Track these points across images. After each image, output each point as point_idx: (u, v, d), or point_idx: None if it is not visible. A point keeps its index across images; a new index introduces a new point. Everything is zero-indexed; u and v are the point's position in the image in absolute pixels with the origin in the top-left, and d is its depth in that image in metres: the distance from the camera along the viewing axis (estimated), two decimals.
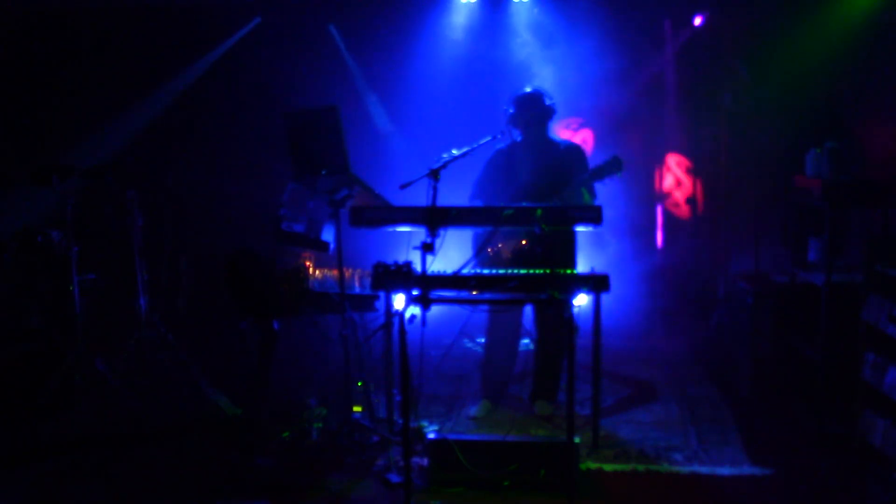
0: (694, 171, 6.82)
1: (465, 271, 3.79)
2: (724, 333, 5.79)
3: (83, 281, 4.91)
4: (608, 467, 3.95)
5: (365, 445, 4.17)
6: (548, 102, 4.58)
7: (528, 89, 4.63)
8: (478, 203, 4.65)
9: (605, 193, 4.45)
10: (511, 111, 4.57)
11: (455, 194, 4.61)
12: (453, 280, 3.75)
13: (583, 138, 6.74)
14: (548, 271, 3.81)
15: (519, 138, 4.58)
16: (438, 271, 3.77)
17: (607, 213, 3.96)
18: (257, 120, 6.20)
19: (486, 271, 3.88)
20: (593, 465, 3.95)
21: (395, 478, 3.78)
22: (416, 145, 6.21)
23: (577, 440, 3.59)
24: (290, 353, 4.84)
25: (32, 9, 6.13)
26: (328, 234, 4.54)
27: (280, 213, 4.57)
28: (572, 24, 6.44)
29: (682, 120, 6.64)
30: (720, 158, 6.44)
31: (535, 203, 4.16)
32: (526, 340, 4.99)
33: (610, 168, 4.24)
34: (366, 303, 4.51)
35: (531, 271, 3.83)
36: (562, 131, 6.33)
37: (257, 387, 4.45)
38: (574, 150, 4.63)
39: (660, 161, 6.92)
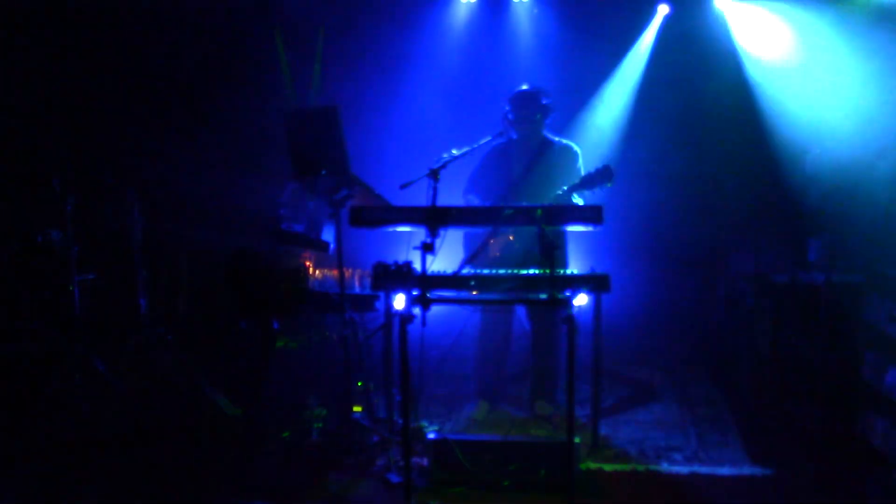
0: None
1: (464, 271, 3.79)
2: (724, 333, 5.79)
3: (83, 281, 4.91)
4: (608, 467, 3.95)
5: (365, 445, 4.17)
6: (544, 101, 4.58)
7: (524, 87, 4.63)
8: (470, 197, 4.66)
9: None
10: (507, 109, 4.57)
11: (455, 194, 4.62)
12: (453, 280, 3.75)
13: None
14: (548, 271, 3.81)
15: (515, 136, 4.58)
16: (438, 271, 3.77)
17: None
18: (258, 119, 6.19)
19: (485, 271, 3.88)
20: (593, 465, 3.95)
21: (395, 478, 3.78)
22: (416, 145, 6.20)
23: (577, 440, 3.59)
24: (290, 352, 4.84)
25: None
26: (328, 234, 4.55)
27: (280, 213, 4.58)
28: (572, 24, 6.44)
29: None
30: (720, 157, 6.44)
31: (526, 202, 4.16)
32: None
33: (600, 178, 4.24)
34: (366, 303, 4.51)
35: (531, 271, 3.83)
36: None
37: (257, 387, 4.45)
38: (568, 151, 4.62)
39: None
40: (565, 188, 4.31)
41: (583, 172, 4.43)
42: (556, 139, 4.68)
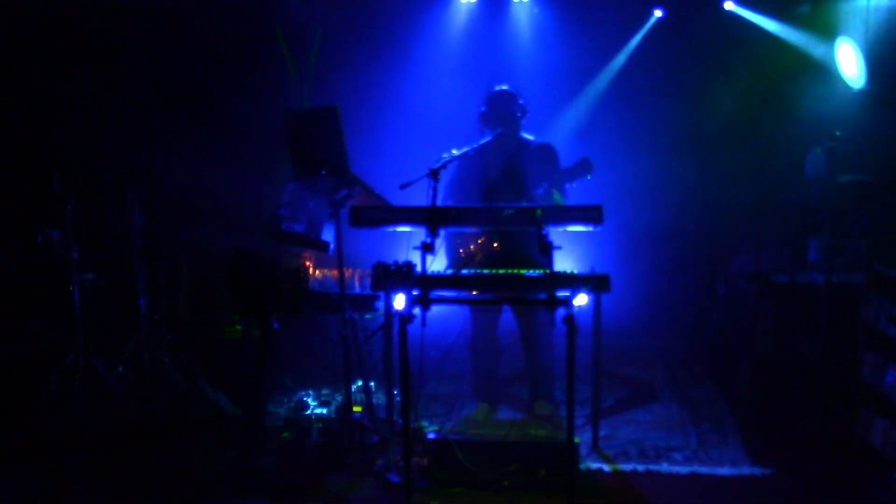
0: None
1: (463, 272, 3.78)
2: (724, 333, 5.78)
3: (83, 281, 4.91)
4: (608, 467, 3.95)
5: (365, 445, 4.17)
6: (520, 101, 4.57)
7: (503, 87, 4.62)
8: (450, 202, 4.64)
9: None
10: (483, 109, 4.57)
11: None
12: (453, 280, 3.75)
13: None
14: (547, 271, 3.81)
15: (490, 137, 4.56)
16: (438, 271, 3.76)
17: None
18: (258, 119, 6.19)
19: (485, 272, 3.87)
20: (593, 465, 3.95)
21: (395, 478, 3.78)
22: (416, 145, 6.20)
23: (576, 440, 3.59)
24: (290, 353, 4.84)
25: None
26: (328, 234, 4.54)
27: (280, 213, 4.57)
28: (572, 24, 6.45)
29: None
30: (720, 157, 6.44)
31: (505, 202, 4.15)
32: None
33: (580, 170, 4.26)
34: (366, 303, 4.51)
35: (531, 271, 3.82)
36: None
37: (257, 387, 4.45)
38: (545, 149, 4.61)
39: None
40: (554, 178, 4.32)
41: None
42: (533, 138, 4.67)
